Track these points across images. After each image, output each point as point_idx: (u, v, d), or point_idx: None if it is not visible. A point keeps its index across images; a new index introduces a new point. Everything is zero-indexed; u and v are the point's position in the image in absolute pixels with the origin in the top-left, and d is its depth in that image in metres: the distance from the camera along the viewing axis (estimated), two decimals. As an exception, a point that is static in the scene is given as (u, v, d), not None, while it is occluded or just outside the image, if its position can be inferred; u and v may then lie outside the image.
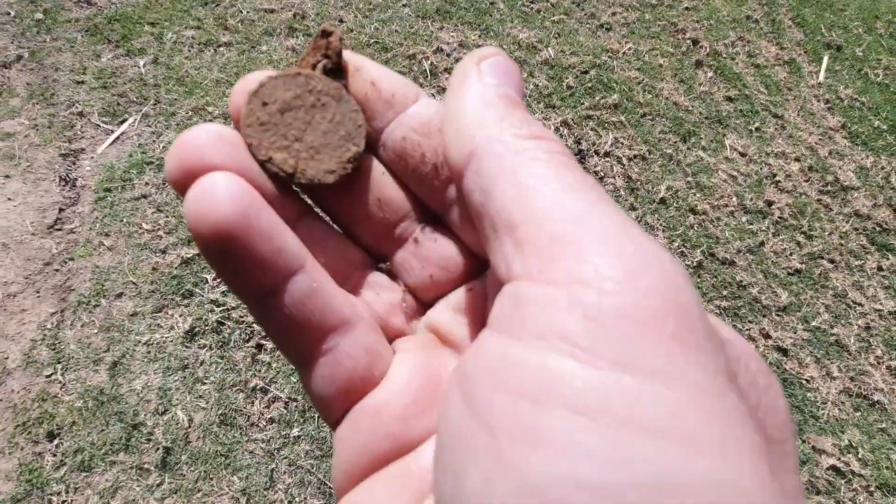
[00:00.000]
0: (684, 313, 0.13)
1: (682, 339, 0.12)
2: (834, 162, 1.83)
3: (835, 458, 1.24)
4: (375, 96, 0.20)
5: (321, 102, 0.20)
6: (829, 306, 1.50)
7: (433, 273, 0.21)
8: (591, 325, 0.12)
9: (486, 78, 0.18)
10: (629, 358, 0.12)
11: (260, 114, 0.19)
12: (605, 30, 1.98)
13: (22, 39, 1.57)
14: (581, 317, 0.13)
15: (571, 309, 0.13)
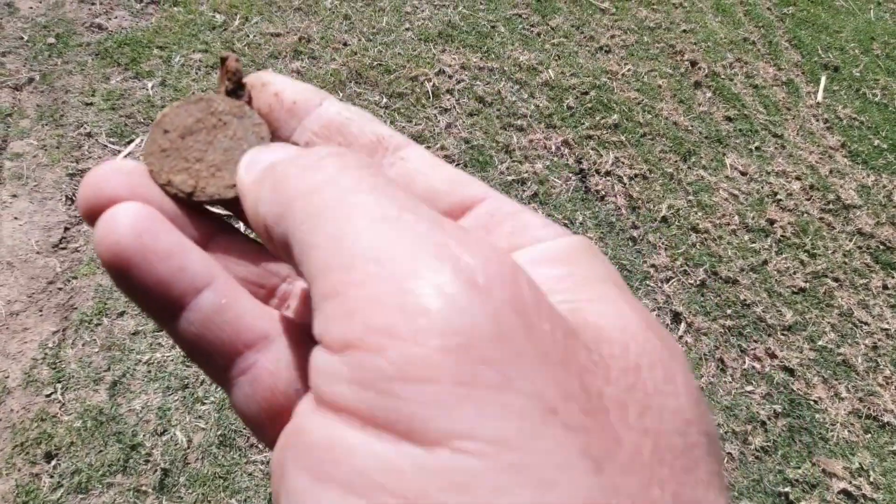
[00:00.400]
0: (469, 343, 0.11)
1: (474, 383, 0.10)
2: (835, 180, 1.83)
3: (846, 482, 1.21)
4: (279, 106, 0.20)
5: (223, 122, 0.20)
6: (835, 325, 1.49)
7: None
8: (369, 394, 0.11)
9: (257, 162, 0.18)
10: (409, 425, 0.10)
11: (161, 141, 0.20)
12: (605, 52, 2.01)
13: (34, 63, 1.60)
14: (358, 384, 0.11)
15: (346, 375, 0.11)
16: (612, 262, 0.17)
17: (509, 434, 0.10)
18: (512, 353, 0.11)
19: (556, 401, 0.11)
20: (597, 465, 0.10)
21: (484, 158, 1.60)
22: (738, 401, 1.30)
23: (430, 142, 1.60)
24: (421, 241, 0.12)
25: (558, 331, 0.12)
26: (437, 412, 0.10)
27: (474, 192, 0.18)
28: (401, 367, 0.11)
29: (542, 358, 0.11)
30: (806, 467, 1.23)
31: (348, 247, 0.12)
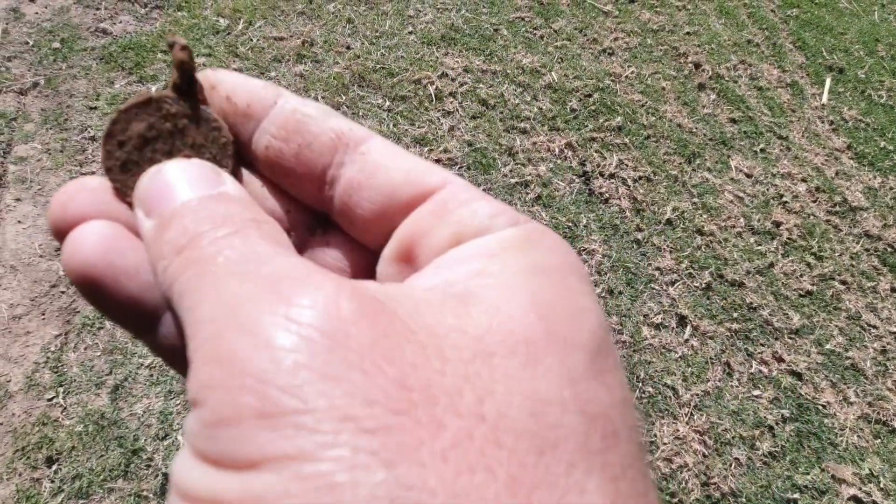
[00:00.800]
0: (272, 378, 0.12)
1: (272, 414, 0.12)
2: (841, 182, 1.82)
3: (856, 488, 1.19)
4: (233, 111, 0.19)
5: (179, 127, 0.19)
6: (843, 329, 1.47)
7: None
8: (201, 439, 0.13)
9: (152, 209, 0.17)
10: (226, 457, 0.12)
11: (119, 154, 0.19)
12: (608, 54, 2.01)
13: (39, 67, 1.61)
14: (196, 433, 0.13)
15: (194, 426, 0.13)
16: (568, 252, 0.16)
17: (305, 447, 0.11)
18: (312, 377, 0.12)
19: (353, 408, 0.11)
20: (389, 460, 0.11)
21: (487, 161, 1.59)
22: (746, 405, 1.29)
23: (433, 144, 1.59)
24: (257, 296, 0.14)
25: (381, 335, 0.12)
26: (243, 444, 0.12)
27: (434, 181, 0.18)
28: (216, 414, 0.12)
29: (346, 369, 0.12)
30: (815, 473, 1.21)
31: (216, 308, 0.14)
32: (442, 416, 0.11)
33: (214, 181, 0.17)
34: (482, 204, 0.17)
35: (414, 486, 0.11)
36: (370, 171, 0.18)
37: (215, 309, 0.14)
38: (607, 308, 1.38)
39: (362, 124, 1.15)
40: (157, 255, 0.16)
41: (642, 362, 1.31)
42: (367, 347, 0.12)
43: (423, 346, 0.12)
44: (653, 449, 1.20)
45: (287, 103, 0.19)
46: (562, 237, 0.18)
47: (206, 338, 0.13)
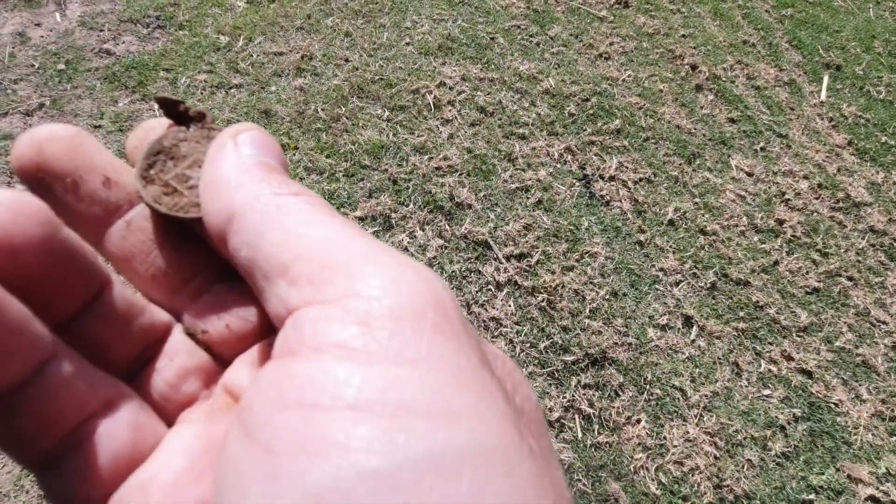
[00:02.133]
0: (442, 309, 0.15)
1: (440, 329, 0.14)
2: (843, 178, 1.81)
3: (872, 488, 1.17)
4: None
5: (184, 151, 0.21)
6: (852, 325, 1.46)
7: (230, 323, 0.19)
8: (365, 329, 0.14)
9: (242, 148, 0.18)
10: (398, 351, 0.13)
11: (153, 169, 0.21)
12: (604, 59, 2.02)
13: (44, 89, 1.64)
14: (354, 323, 0.14)
15: (344, 318, 0.14)
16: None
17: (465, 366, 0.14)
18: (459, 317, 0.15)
19: (484, 357, 0.15)
20: (507, 396, 0.15)
21: (487, 167, 1.60)
22: (756, 405, 1.27)
23: (433, 152, 1.60)
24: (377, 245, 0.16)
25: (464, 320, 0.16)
26: (418, 342, 0.14)
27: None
28: (392, 310, 0.14)
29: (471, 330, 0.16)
30: (830, 473, 1.19)
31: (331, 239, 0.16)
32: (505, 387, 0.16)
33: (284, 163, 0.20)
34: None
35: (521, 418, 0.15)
36: None
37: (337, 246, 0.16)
38: (612, 310, 1.38)
39: (362, 134, 1.17)
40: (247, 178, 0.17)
41: (649, 364, 1.30)
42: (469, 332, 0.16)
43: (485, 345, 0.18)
44: (663, 452, 1.18)
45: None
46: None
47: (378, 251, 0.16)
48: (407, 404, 0.13)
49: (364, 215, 1.43)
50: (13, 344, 0.15)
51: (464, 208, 1.49)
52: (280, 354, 0.15)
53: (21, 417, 0.15)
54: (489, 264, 1.39)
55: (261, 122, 1.61)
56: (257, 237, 0.16)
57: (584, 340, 1.30)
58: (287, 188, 0.17)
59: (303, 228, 0.16)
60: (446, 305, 0.15)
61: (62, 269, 0.16)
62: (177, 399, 0.19)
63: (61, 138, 0.18)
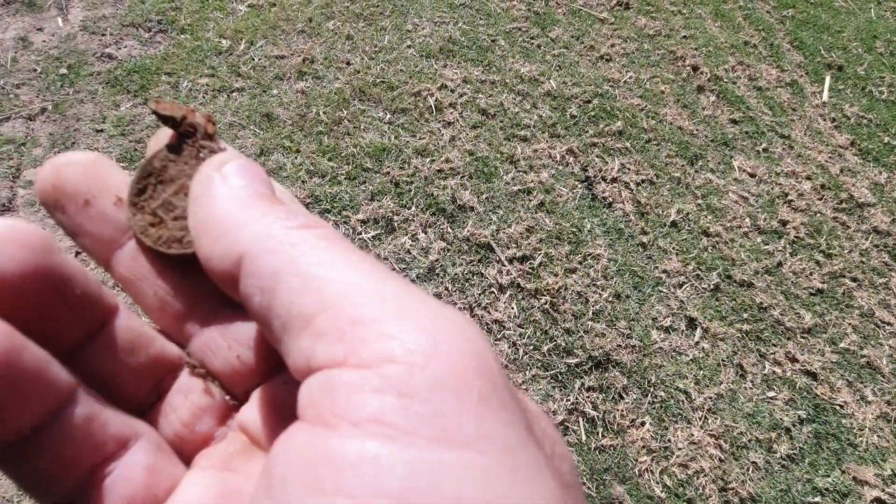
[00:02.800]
0: (489, 375, 0.13)
1: (488, 401, 0.13)
2: (847, 179, 1.80)
3: (878, 490, 1.16)
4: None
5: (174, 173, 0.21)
6: (857, 327, 1.45)
7: (241, 354, 0.19)
8: (406, 403, 0.12)
9: (231, 180, 0.17)
10: (445, 431, 0.12)
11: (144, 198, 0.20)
12: (605, 61, 2.02)
13: (47, 93, 1.64)
14: (395, 395, 0.13)
15: (384, 389, 0.13)
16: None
17: (516, 444, 0.13)
18: (504, 381, 0.14)
19: (527, 425, 0.14)
20: (554, 472, 0.14)
21: (489, 170, 1.60)
22: (761, 407, 1.26)
23: (435, 155, 1.60)
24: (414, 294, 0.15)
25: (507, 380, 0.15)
26: (466, 419, 0.12)
27: None
28: (435, 380, 0.13)
29: (516, 392, 0.15)
30: (835, 475, 1.18)
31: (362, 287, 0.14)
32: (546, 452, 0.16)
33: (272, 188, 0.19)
34: None
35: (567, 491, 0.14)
36: None
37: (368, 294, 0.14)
38: (615, 312, 1.37)
39: (364, 137, 1.17)
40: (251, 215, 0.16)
41: (653, 366, 1.29)
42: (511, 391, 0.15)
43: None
44: (667, 454, 1.17)
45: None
46: None
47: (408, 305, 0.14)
48: (459, 496, 0.12)
49: (366, 218, 1.43)
50: (32, 390, 0.14)
51: (466, 211, 1.49)
52: (310, 420, 0.14)
53: (42, 459, 0.15)
54: (492, 267, 1.39)
55: (262, 126, 1.61)
56: (273, 282, 0.15)
57: (587, 343, 1.30)
58: (297, 220, 0.16)
59: (325, 272, 0.14)
60: (491, 368, 0.14)
61: (60, 296, 0.16)
62: (192, 439, 0.18)
63: (78, 163, 0.18)
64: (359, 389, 0.13)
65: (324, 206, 1.45)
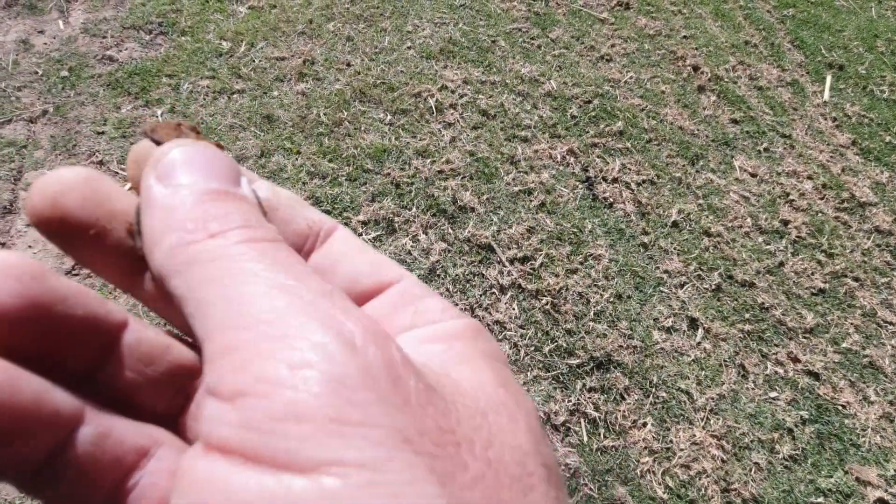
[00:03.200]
0: (343, 390, 0.13)
1: (343, 420, 0.12)
2: (848, 178, 1.80)
3: (881, 490, 1.16)
4: None
5: None
6: (859, 326, 1.45)
7: None
8: (255, 434, 0.12)
9: (173, 179, 0.16)
10: (288, 458, 0.12)
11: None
12: (606, 61, 2.02)
13: (48, 95, 1.65)
14: (246, 427, 0.13)
15: (235, 420, 0.13)
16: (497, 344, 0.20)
17: (368, 458, 0.12)
18: (377, 397, 0.13)
19: (410, 433, 0.13)
20: (441, 480, 0.13)
21: (489, 170, 1.60)
22: (763, 408, 1.26)
23: (435, 156, 1.60)
24: (310, 308, 0.14)
25: (421, 384, 0.14)
26: (311, 444, 0.12)
27: (391, 275, 0.20)
28: (284, 409, 0.12)
29: (404, 402, 0.13)
30: (838, 476, 1.18)
31: (245, 309, 0.14)
32: (464, 457, 0.14)
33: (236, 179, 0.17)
34: (432, 300, 0.19)
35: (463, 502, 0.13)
36: (336, 258, 0.20)
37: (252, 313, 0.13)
38: (617, 313, 1.37)
39: (364, 138, 1.17)
40: (168, 225, 0.15)
41: (654, 367, 1.29)
42: (417, 390, 0.14)
43: (446, 401, 0.14)
44: (669, 455, 1.17)
45: (260, 190, 0.19)
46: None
47: (272, 336, 0.13)
48: None
49: (367, 219, 1.43)
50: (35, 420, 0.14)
51: (467, 211, 1.49)
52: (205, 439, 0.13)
53: (65, 484, 0.15)
54: (493, 268, 1.39)
55: (263, 128, 1.61)
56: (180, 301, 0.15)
57: (588, 343, 1.29)
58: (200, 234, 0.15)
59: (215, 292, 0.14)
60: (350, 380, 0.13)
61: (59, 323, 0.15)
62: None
63: (74, 187, 0.17)
64: (214, 421, 0.13)
65: (324, 207, 1.45)
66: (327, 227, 0.20)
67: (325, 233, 0.20)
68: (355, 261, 0.20)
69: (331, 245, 0.20)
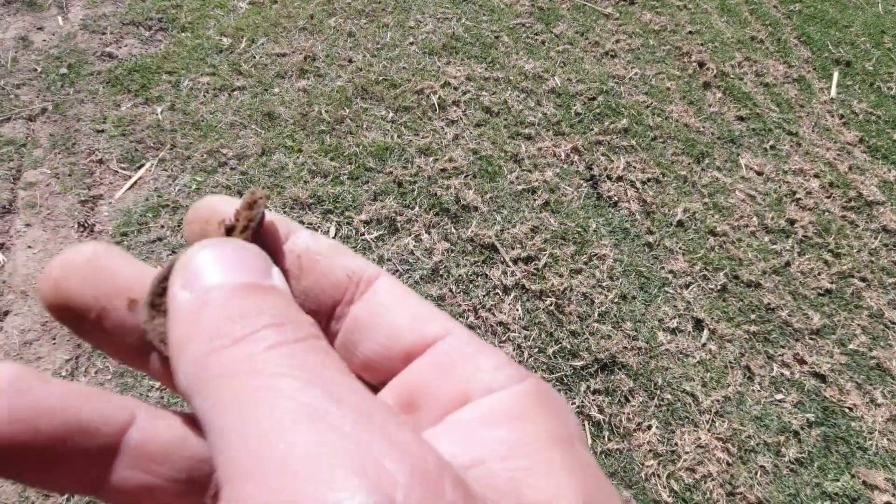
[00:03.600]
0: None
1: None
2: (855, 177, 1.78)
3: (889, 494, 1.15)
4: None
5: None
6: (866, 328, 1.43)
7: None
8: None
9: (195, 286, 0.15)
10: None
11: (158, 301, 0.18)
12: (611, 57, 2.00)
13: (47, 93, 1.63)
14: None
15: None
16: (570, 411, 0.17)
17: None
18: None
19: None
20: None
21: (493, 169, 1.58)
22: (769, 410, 1.25)
23: (438, 154, 1.59)
24: (345, 444, 0.12)
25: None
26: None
27: (435, 331, 0.18)
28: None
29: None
30: (845, 479, 1.17)
31: (268, 450, 0.12)
32: None
33: (266, 271, 0.16)
34: (484, 358, 0.17)
35: None
36: (376, 311, 0.18)
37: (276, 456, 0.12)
38: (621, 314, 1.36)
39: (366, 136, 1.14)
40: (190, 335, 0.14)
41: (659, 368, 1.28)
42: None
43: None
44: (674, 458, 1.16)
45: (299, 239, 0.19)
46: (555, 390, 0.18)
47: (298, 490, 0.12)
48: None
49: (369, 219, 1.42)
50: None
51: (470, 211, 1.47)
52: None
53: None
54: (496, 268, 1.38)
55: (264, 125, 1.60)
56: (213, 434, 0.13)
57: (593, 345, 1.28)
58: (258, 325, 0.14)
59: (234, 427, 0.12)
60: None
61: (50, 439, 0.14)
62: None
63: (76, 270, 0.16)
64: None
65: (326, 206, 1.43)
66: (369, 274, 0.19)
67: (366, 281, 0.19)
68: (397, 314, 0.18)
69: (373, 296, 0.19)
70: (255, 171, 1.48)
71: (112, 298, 0.16)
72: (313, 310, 0.18)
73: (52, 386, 0.15)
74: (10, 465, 0.14)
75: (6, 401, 0.14)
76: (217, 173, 1.48)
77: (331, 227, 1.40)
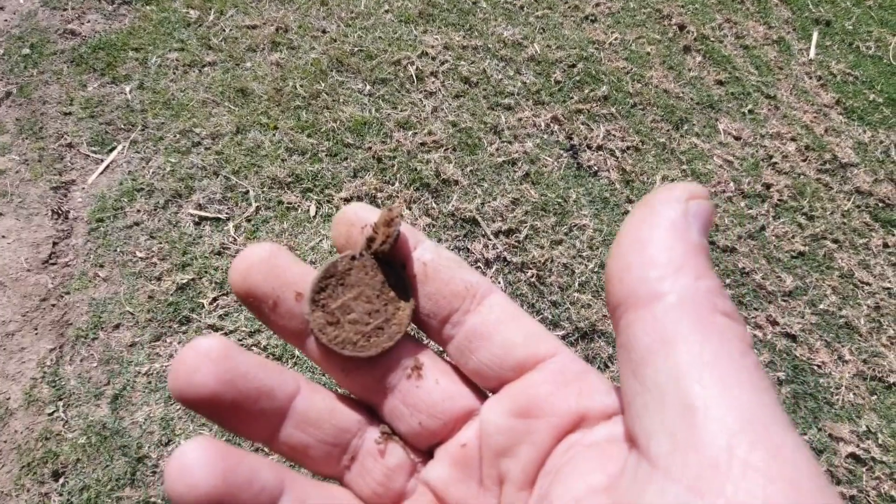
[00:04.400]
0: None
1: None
2: (831, 139, 1.80)
3: (853, 446, 1.22)
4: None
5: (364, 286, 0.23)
6: (836, 288, 1.48)
7: (422, 420, 0.21)
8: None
9: (691, 220, 0.17)
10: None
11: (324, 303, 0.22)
12: (590, 21, 1.96)
13: (10, 76, 1.57)
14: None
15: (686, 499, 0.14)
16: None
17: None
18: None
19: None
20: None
21: (472, 141, 1.57)
22: (741, 369, 1.30)
23: (417, 127, 1.57)
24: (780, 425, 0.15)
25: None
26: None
27: (546, 349, 0.21)
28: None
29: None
30: (812, 433, 1.24)
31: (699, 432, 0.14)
32: None
33: None
34: (595, 378, 0.20)
35: None
36: (493, 324, 0.21)
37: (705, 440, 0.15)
38: (601, 283, 1.39)
39: (343, 111, 1.13)
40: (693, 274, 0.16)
41: (638, 334, 1.32)
42: None
43: None
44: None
45: (426, 251, 0.22)
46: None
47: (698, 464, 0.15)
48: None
49: (350, 196, 1.41)
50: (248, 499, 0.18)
51: (450, 185, 1.47)
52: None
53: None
54: (478, 241, 1.39)
55: (237, 102, 1.56)
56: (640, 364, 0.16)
57: (573, 315, 1.31)
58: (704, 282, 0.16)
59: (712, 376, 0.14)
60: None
61: (244, 393, 0.19)
62: (389, 495, 0.21)
63: (258, 264, 0.20)
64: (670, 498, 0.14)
65: (305, 184, 1.42)
66: (483, 289, 0.22)
67: (481, 294, 0.22)
68: (510, 329, 0.21)
69: (488, 309, 0.21)
70: (230, 151, 1.45)
71: (284, 291, 0.20)
72: (432, 312, 0.22)
73: (247, 356, 0.19)
74: (218, 413, 0.18)
75: (217, 366, 0.18)
76: (192, 154, 1.45)
77: (311, 205, 1.39)
